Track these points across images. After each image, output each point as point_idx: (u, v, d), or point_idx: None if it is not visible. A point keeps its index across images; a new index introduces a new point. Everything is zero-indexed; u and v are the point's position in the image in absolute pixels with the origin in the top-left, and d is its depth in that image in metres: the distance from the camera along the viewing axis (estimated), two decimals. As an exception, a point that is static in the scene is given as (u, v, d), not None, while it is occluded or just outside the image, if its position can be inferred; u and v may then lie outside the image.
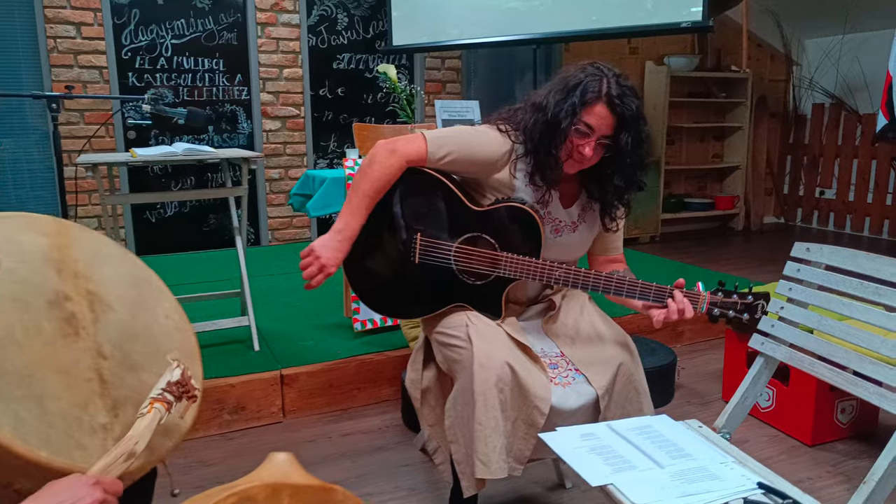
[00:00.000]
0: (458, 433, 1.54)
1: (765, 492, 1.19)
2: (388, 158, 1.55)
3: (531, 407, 1.48)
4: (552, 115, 1.50)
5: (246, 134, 4.76)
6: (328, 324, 2.96)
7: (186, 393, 1.03)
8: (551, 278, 1.56)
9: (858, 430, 2.32)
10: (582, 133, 1.49)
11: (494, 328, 1.58)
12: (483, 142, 1.60)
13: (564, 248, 1.66)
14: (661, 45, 5.62)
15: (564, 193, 1.65)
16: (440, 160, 1.57)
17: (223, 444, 2.32)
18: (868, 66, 5.48)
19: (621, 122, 1.48)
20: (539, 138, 1.53)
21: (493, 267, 1.58)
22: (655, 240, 5.46)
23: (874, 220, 5.54)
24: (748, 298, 1.47)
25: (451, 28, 4.34)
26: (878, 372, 1.24)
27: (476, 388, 1.46)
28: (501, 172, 1.60)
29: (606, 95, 1.47)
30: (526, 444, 1.51)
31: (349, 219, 1.57)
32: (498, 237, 1.58)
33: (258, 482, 0.89)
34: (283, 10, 4.67)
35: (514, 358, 1.51)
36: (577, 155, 1.52)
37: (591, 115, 1.48)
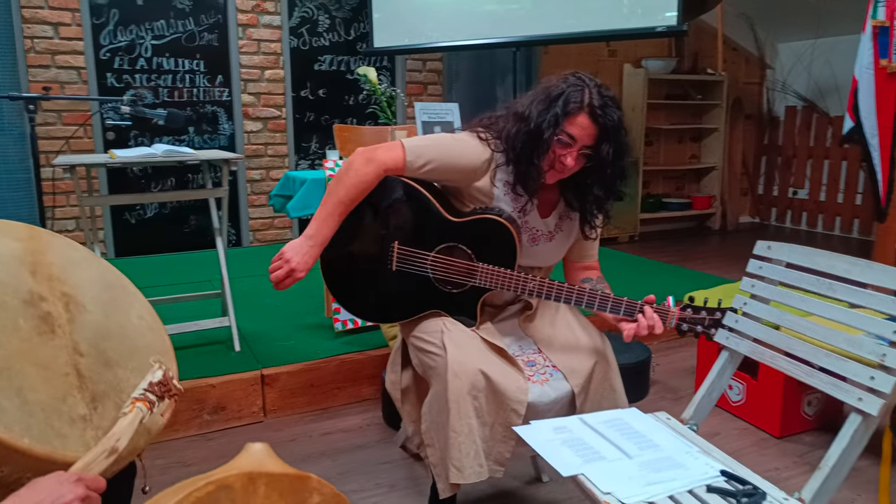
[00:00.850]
0: (433, 437, 1.57)
1: (727, 479, 1.25)
2: (365, 166, 1.56)
3: (508, 410, 1.52)
4: (535, 125, 1.52)
5: (227, 135, 4.77)
6: (309, 324, 2.98)
7: (168, 392, 1.06)
8: (525, 290, 1.59)
9: (824, 421, 2.39)
10: (564, 143, 1.51)
11: (469, 334, 1.61)
12: (463, 151, 1.61)
13: (540, 255, 1.70)
14: (638, 47, 5.70)
15: (543, 203, 1.67)
16: (419, 169, 1.58)
17: (203, 444, 2.33)
18: (839, 70, 5.61)
19: (603, 132, 1.51)
20: (521, 148, 1.55)
21: (469, 277, 1.61)
22: (634, 239, 5.54)
23: (845, 219, 5.67)
24: (716, 314, 1.53)
25: (431, 30, 4.38)
26: (834, 364, 1.30)
27: (450, 396, 1.49)
28: (481, 181, 1.62)
29: (588, 106, 1.49)
30: (505, 447, 1.54)
31: (321, 225, 1.59)
32: (474, 248, 1.61)
33: (235, 471, 0.92)
34: (264, 11, 4.69)
35: (488, 364, 1.54)
36: (558, 165, 1.54)
37: (574, 126, 1.50)
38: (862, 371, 1.23)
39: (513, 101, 1.65)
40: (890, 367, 1.19)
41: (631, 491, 1.20)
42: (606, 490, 1.20)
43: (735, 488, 1.21)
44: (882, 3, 3.17)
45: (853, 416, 1.24)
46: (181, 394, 1.13)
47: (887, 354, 1.20)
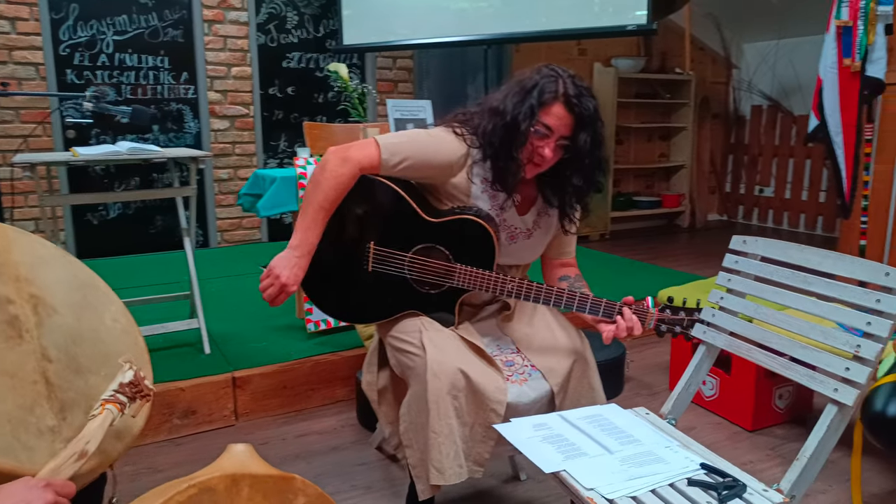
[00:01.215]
0: (412, 438, 1.55)
1: (707, 472, 1.25)
2: (341, 167, 1.51)
3: (487, 410, 1.50)
4: (511, 117, 1.50)
5: (193, 133, 4.67)
6: (280, 325, 2.93)
7: (139, 393, 1.02)
8: (504, 291, 1.57)
9: (795, 414, 2.43)
10: (541, 134, 1.50)
11: (448, 334, 1.59)
12: (438, 146, 1.58)
13: (518, 253, 1.68)
14: (608, 46, 5.75)
15: (521, 200, 1.64)
16: (395, 167, 1.55)
17: (173, 449, 2.27)
18: (801, 70, 5.72)
19: (579, 121, 1.50)
20: (499, 143, 1.52)
21: (446, 278, 1.58)
22: (605, 237, 5.58)
23: (809, 216, 5.79)
24: (694, 315, 1.54)
25: (402, 28, 4.36)
26: (808, 356, 1.31)
27: (430, 396, 1.47)
28: (458, 177, 1.59)
29: (564, 95, 1.48)
30: (485, 447, 1.53)
31: (305, 234, 1.52)
32: (452, 248, 1.58)
33: (218, 473, 0.89)
34: (230, 7, 4.61)
35: (467, 363, 1.52)
36: (536, 157, 1.52)
37: (550, 116, 1.48)
38: (837, 362, 1.24)
39: (486, 97, 1.63)
40: (864, 358, 1.20)
41: (613, 486, 1.20)
42: (589, 486, 1.19)
43: (715, 481, 1.22)
44: (845, 3, 3.23)
45: (829, 407, 1.25)
46: (153, 395, 1.09)
47: (861, 345, 1.21)
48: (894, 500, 1.93)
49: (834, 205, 5.52)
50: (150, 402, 1.19)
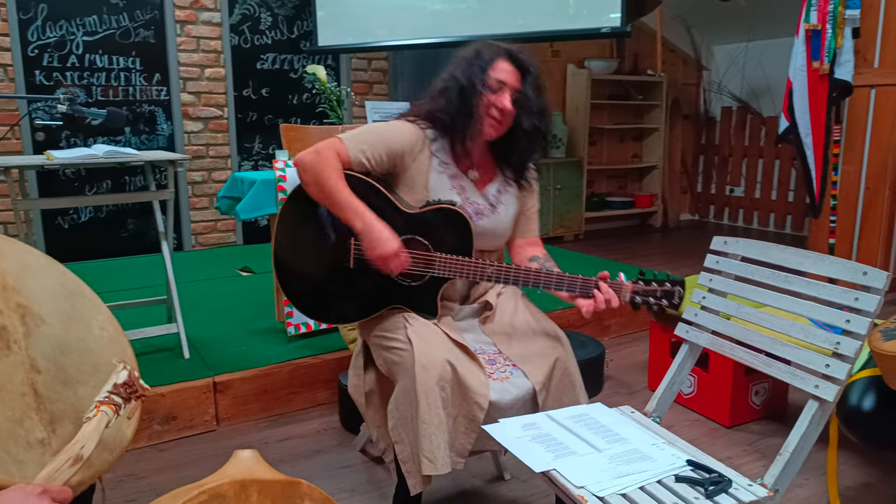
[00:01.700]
0: (402, 433, 1.56)
1: (693, 468, 1.27)
2: (322, 160, 1.57)
3: (471, 403, 1.52)
4: (465, 80, 1.60)
5: (166, 135, 4.61)
6: (260, 329, 2.91)
7: (134, 393, 1.01)
8: (483, 276, 1.60)
9: (770, 410, 2.48)
10: (496, 89, 1.59)
11: (432, 328, 1.61)
12: (395, 132, 1.65)
13: (489, 231, 1.71)
14: (581, 48, 5.80)
15: (479, 178, 1.72)
16: (361, 155, 1.61)
17: (154, 455, 2.25)
18: (770, 72, 5.84)
19: (525, 73, 1.62)
20: (457, 108, 1.61)
21: (427, 267, 1.61)
22: (580, 238, 5.64)
23: (778, 215, 5.91)
24: (666, 286, 1.57)
25: (377, 29, 4.35)
26: (788, 353, 1.34)
27: (419, 388, 1.48)
28: (419, 161, 1.65)
29: (506, 52, 1.62)
30: (467, 439, 1.54)
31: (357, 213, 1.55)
32: (431, 238, 1.62)
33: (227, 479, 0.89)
34: (203, 7, 4.55)
35: (453, 356, 1.54)
36: (495, 111, 1.60)
37: (498, 72, 1.59)
38: (817, 359, 1.28)
39: (431, 86, 1.72)
40: (844, 355, 1.24)
41: (603, 484, 1.22)
42: (580, 484, 1.21)
43: (702, 477, 1.24)
44: (814, 7, 3.32)
45: (810, 403, 1.28)
46: (148, 394, 1.08)
47: (841, 343, 1.25)
48: (869, 492, 1.99)
49: (802, 204, 5.65)
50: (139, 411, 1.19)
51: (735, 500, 1.18)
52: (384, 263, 1.56)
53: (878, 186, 3.69)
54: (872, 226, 3.73)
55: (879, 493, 1.98)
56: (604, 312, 1.57)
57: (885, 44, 3.59)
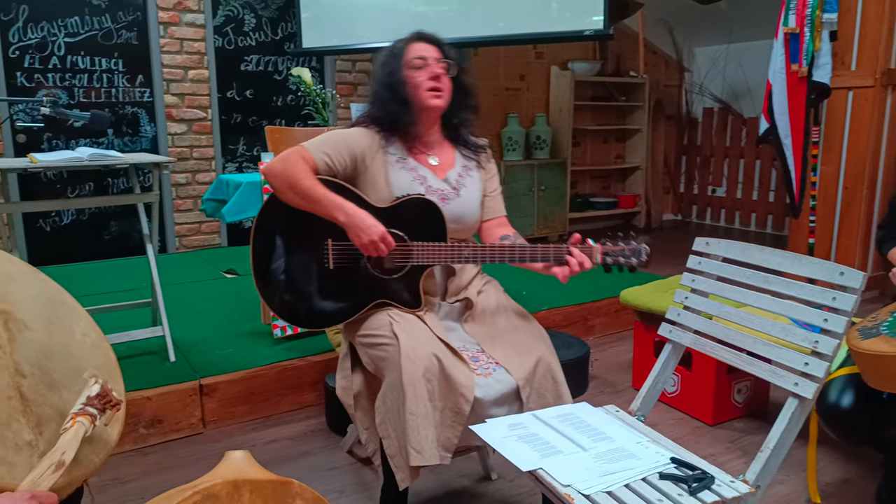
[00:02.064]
0: (389, 428, 1.57)
1: (677, 466, 1.30)
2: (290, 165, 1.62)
3: (457, 395, 1.54)
4: (385, 76, 1.69)
5: (149, 137, 4.58)
6: (246, 331, 2.91)
7: (108, 403, 1.02)
8: (461, 258, 1.64)
9: (752, 408, 2.52)
10: (418, 66, 1.67)
11: (418, 324, 1.64)
12: (353, 136, 1.71)
13: (457, 214, 1.73)
14: (565, 50, 5.84)
15: (438, 166, 1.77)
16: (326, 161, 1.65)
17: (140, 459, 2.24)
18: (750, 74, 5.92)
19: (441, 48, 1.71)
20: (391, 103, 1.68)
21: (406, 257, 1.65)
22: (564, 238, 5.67)
23: (759, 215, 5.99)
24: (632, 243, 1.62)
25: (361, 30, 4.36)
26: (769, 352, 1.37)
27: (405, 379, 1.50)
28: (375, 162, 1.70)
29: (416, 34, 1.71)
30: (453, 432, 1.56)
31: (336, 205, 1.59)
32: (406, 229, 1.65)
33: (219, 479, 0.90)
34: (186, 9, 4.53)
35: (438, 349, 1.56)
36: (428, 84, 1.66)
37: (415, 51, 1.68)
38: (797, 358, 1.31)
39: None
40: (822, 353, 1.27)
41: (589, 482, 1.23)
42: (566, 482, 1.22)
43: (685, 474, 1.27)
44: (793, 11, 3.37)
45: (790, 401, 1.31)
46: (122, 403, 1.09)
47: (819, 341, 1.28)
48: (848, 488, 2.03)
49: (782, 204, 5.73)
50: (124, 412, 1.19)
51: (718, 497, 1.20)
52: (374, 247, 1.59)
53: (856, 186, 3.76)
54: (850, 225, 3.79)
55: (859, 489, 2.02)
56: (590, 311, 1.60)
57: (861, 47, 3.65)
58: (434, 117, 1.74)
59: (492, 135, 5.53)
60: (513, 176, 5.33)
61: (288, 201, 1.64)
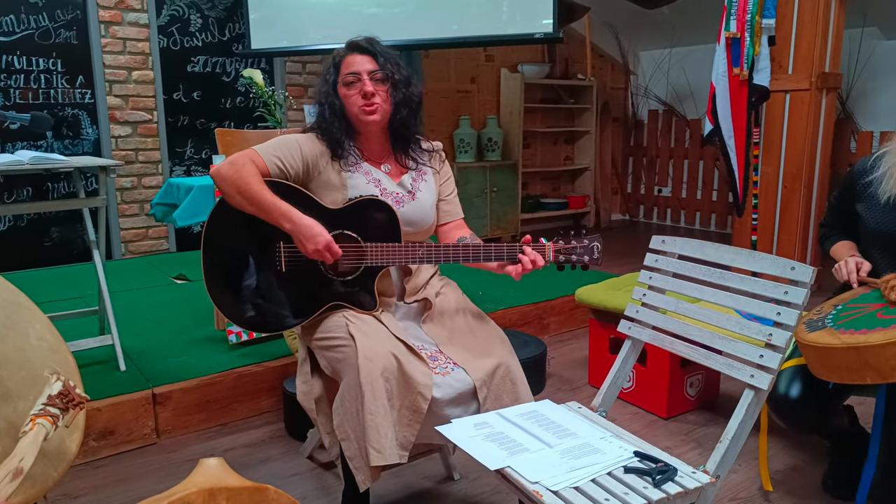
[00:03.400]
0: (348, 429, 1.56)
1: (640, 459, 1.33)
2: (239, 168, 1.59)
3: (415, 394, 1.54)
4: (322, 93, 1.70)
5: (91, 140, 4.43)
6: (200, 338, 2.84)
7: (71, 402, 0.99)
8: (415, 258, 1.65)
9: (704, 401, 2.60)
10: (350, 82, 1.66)
11: (374, 323, 1.63)
12: (304, 141, 1.70)
13: (412, 217, 1.74)
14: (514, 53, 5.91)
15: (392, 171, 1.76)
16: (277, 165, 1.64)
17: (90, 472, 2.16)
18: (692, 77, 6.11)
19: (377, 56, 1.68)
20: (330, 118, 1.68)
21: (360, 259, 1.64)
22: (516, 239, 5.72)
23: (703, 214, 6.17)
24: (584, 241, 1.65)
25: (312, 32, 4.31)
26: (726, 345, 1.42)
27: (363, 379, 1.50)
28: (329, 167, 1.69)
29: (351, 45, 1.69)
30: (410, 431, 1.56)
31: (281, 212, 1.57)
32: (359, 230, 1.65)
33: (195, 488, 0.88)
34: (129, 8, 4.40)
35: (396, 348, 1.56)
36: (361, 101, 1.66)
37: (348, 66, 1.67)
38: (752, 350, 1.36)
39: None
40: (776, 346, 1.32)
41: (557, 478, 1.25)
42: (534, 479, 1.24)
43: (649, 467, 1.30)
44: (734, 16, 3.49)
45: (746, 392, 1.36)
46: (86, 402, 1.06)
47: (773, 334, 1.33)
48: (796, 474, 2.11)
49: (725, 203, 5.93)
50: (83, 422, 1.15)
51: (681, 488, 1.24)
52: (319, 255, 1.58)
53: (794, 186, 3.92)
54: (790, 223, 3.95)
55: (807, 475, 2.10)
56: (545, 310, 1.62)
57: (797, 51, 3.81)
58: (375, 129, 1.72)
59: (444, 137, 5.55)
60: (465, 178, 5.36)
61: (236, 205, 1.61)
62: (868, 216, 1.88)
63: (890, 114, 4.98)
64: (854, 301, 1.74)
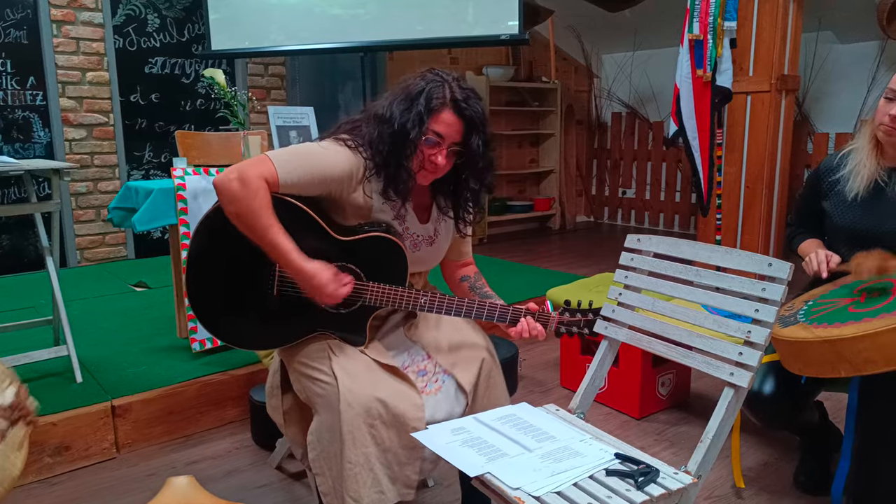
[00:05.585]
0: (324, 467, 1.49)
1: (622, 461, 1.31)
2: (245, 189, 1.38)
3: (408, 431, 1.46)
4: (399, 125, 1.46)
5: (43, 143, 4.27)
6: (161, 346, 2.74)
7: (23, 416, 0.91)
8: (416, 306, 1.55)
9: (675, 400, 2.61)
10: (433, 143, 1.47)
11: (358, 358, 1.54)
12: (333, 160, 1.49)
13: (422, 260, 1.67)
14: (479, 56, 5.90)
15: (420, 207, 1.62)
16: (293, 184, 1.45)
17: (45, 490, 2.06)
18: (654, 80, 6.18)
19: (470, 125, 1.48)
20: (388, 151, 1.48)
21: (358, 296, 1.54)
22: (483, 241, 5.72)
23: (667, 215, 6.25)
24: (589, 316, 1.61)
25: (274, 33, 4.23)
26: (704, 343, 1.41)
27: (344, 427, 1.42)
28: (357, 192, 1.53)
29: (452, 101, 1.46)
30: (412, 469, 1.49)
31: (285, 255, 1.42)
32: (363, 267, 1.54)
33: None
34: (82, 7, 4.26)
35: (381, 388, 1.47)
36: (429, 165, 1.50)
37: (439, 123, 1.46)
38: (731, 348, 1.34)
39: (371, 104, 1.59)
40: (755, 343, 1.31)
41: (538, 483, 1.22)
42: (515, 485, 1.21)
43: (631, 469, 1.27)
44: (696, 19, 3.53)
45: (726, 391, 1.35)
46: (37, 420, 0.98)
47: (752, 331, 1.32)
48: (767, 471, 2.12)
49: (688, 204, 6.01)
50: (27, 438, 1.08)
51: (664, 489, 1.22)
52: (332, 301, 1.47)
53: (756, 186, 3.98)
54: (753, 223, 4.01)
55: (778, 471, 2.11)
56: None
57: (758, 54, 3.87)
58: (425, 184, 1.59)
59: (409, 139, 5.50)
60: (432, 180, 5.32)
61: (232, 222, 1.44)
62: (835, 213, 1.90)
63: (844, 116, 5.11)
64: (824, 297, 1.76)
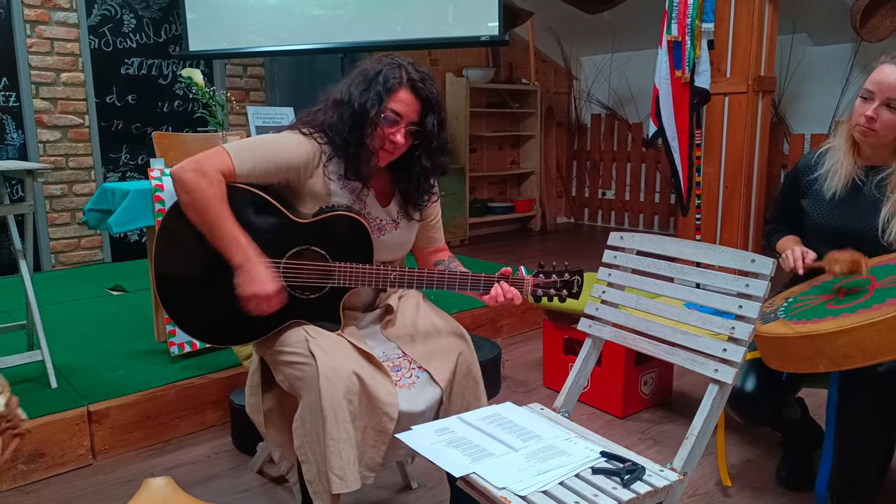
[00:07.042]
0: (308, 452, 1.48)
1: (607, 459, 1.30)
2: (201, 179, 1.41)
3: (380, 414, 1.47)
4: (358, 105, 1.50)
5: (16, 145, 4.19)
6: (138, 350, 2.69)
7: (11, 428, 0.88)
8: (386, 282, 1.56)
9: (658, 399, 2.62)
10: (391, 121, 1.51)
11: (336, 339, 1.54)
12: (289, 147, 1.53)
13: (390, 246, 1.66)
14: (459, 57, 5.90)
15: (380, 192, 1.65)
16: (249, 173, 1.48)
17: (20, 499, 2.01)
18: (633, 81, 6.23)
19: (426, 105, 1.54)
20: (348, 131, 1.52)
21: (326, 278, 1.53)
22: (465, 243, 5.72)
23: (647, 216, 6.30)
24: (565, 276, 1.61)
25: (253, 34, 4.19)
26: (688, 340, 1.41)
27: (324, 402, 1.41)
28: (315, 177, 1.55)
29: (409, 80, 1.51)
30: (377, 452, 1.50)
31: (236, 247, 1.43)
32: (328, 248, 1.54)
33: None
34: (56, 6, 4.19)
35: (359, 367, 1.48)
36: (388, 145, 1.53)
37: (397, 102, 1.51)
38: (715, 345, 1.35)
39: (328, 91, 1.62)
40: (739, 339, 1.31)
41: (524, 482, 1.21)
42: (501, 485, 1.19)
43: (617, 467, 1.27)
44: (675, 20, 3.56)
45: (711, 387, 1.35)
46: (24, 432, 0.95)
47: (736, 327, 1.32)
48: (750, 468, 2.14)
49: (667, 204, 6.06)
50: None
51: (650, 487, 1.21)
52: (256, 304, 1.45)
53: (734, 186, 4.01)
54: (731, 222, 4.05)
55: (761, 467, 2.13)
56: (498, 312, 1.58)
57: (735, 55, 3.91)
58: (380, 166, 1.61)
59: (390, 141, 5.48)
60: (413, 182, 5.30)
61: (188, 216, 1.46)
62: (813, 211, 1.91)
63: (819, 117, 5.19)
64: (804, 294, 1.77)
